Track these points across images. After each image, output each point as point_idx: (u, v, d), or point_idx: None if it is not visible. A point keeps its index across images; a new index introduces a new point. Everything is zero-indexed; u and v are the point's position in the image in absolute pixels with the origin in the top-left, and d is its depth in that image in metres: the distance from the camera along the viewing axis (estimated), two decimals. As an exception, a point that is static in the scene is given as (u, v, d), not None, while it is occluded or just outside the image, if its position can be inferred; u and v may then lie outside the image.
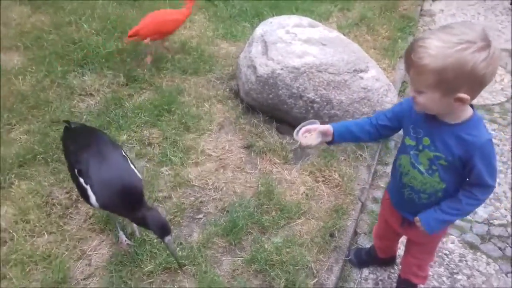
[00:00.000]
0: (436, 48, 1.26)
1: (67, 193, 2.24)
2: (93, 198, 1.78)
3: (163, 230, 1.73)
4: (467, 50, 1.24)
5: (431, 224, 1.58)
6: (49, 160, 2.35)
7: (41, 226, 2.09)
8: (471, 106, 1.44)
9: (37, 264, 1.95)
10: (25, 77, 2.83)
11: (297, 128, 1.69)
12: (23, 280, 1.89)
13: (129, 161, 1.93)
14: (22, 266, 1.93)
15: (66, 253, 2.00)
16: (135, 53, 3.10)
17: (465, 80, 1.27)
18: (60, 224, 2.11)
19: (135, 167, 1.93)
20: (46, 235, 2.06)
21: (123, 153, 1.95)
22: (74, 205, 2.20)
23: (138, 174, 1.89)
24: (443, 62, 1.25)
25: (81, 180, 1.80)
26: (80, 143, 1.91)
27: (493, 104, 3.23)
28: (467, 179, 1.50)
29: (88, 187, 1.77)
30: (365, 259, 2.17)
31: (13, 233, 2.05)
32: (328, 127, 1.68)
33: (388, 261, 2.17)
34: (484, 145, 1.41)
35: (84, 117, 2.59)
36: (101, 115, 2.61)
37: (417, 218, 1.60)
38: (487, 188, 1.48)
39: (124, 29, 3.27)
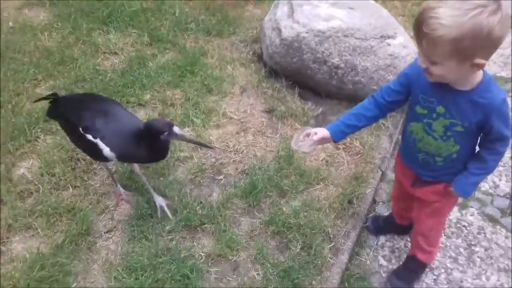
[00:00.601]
0: (450, 18, 1.20)
1: (91, 148, 2.28)
2: (106, 150, 1.78)
3: (162, 125, 1.72)
4: (481, 15, 1.19)
5: (466, 189, 1.62)
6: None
7: (65, 179, 2.14)
8: None
9: (61, 216, 2.01)
10: (51, 33, 2.85)
11: (294, 140, 1.71)
12: (47, 230, 1.96)
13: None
14: (47, 217, 2.00)
15: (90, 206, 2.06)
16: (159, 12, 3.08)
17: (482, 45, 1.24)
18: (84, 179, 2.17)
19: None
20: (70, 189, 2.12)
21: (123, 107, 1.98)
22: (97, 161, 2.25)
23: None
24: (459, 31, 1.20)
25: (89, 136, 1.78)
26: (77, 106, 1.91)
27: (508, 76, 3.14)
28: (487, 137, 1.50)
29: (98, 140, 1.77)
30: (383, 226, 2.18)
31: (39, 185, 2.11)
32: (322, 135, 1.65)
33: (405, 229, 2.17)
34: (500, 105, 1.41)
35: (109, 75, 2.61)
36: (125, 74, 2.62)
37: (451, 189, 1.62)
38: (506, 140, 1.50)
39: (149, -13, 3.25)
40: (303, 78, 2.63)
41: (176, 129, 1.74)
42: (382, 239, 2.18)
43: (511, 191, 2.41)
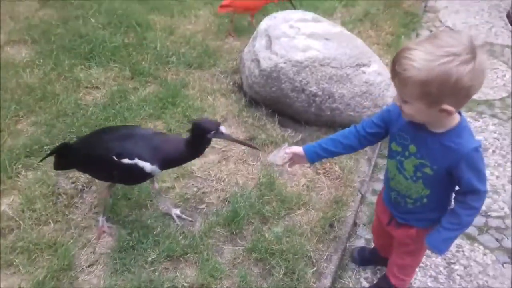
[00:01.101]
0: (421, 61, 1.24)
1: (72, 183, 2.30)
2: (147, 165, 1.82)
3: (211, 124, 1.83)
4: (451, 63, 1.22)
5: (438, 246, 1.57)
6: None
7: (47, 215, 2.14)
8: (459, 112, 1.44)
9: (43, 251, 2.00)
10: (32, 70, 2.89)
11: (272, 154, 1.79)
12: (29, 267, 1.95)
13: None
14: (28, 253, 1.98)
15: (71, 241, 2.05)
16: (140, 47, 3.15)
17: (449, 92, 1.27)
18: (66, 213, 2.17)
19: None
20: (52, 224, 2.12)
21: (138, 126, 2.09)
22: (79, 195, 2.26)
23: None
24: (427, 75, 1.24)
25: (125, 160, 1.82)
26: (97, 143, 1.94)
27: (494, 100, 3.25)
28: (458, 188, 1.49)
29: (136, 160, 1.81)
30: (368, 257, 2.19)
31: (20, 222, 2.10)
32: (296, 150, 1.71)
33: None
34: (470, 153, 1.40)
35: (90, 109, 2.64)
36: (106, 108, 2.66)
37: (426, 245, 1.59)
38: (480, 194, 1.46)
39: (130, 23, 3.33)
40: (282, 106, 2.70)
41: (222, 128, 1.84)
42: (364, 261, 2.21)
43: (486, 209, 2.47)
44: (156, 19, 3.50)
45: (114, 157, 1.83)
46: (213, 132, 1.82)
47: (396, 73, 1.31)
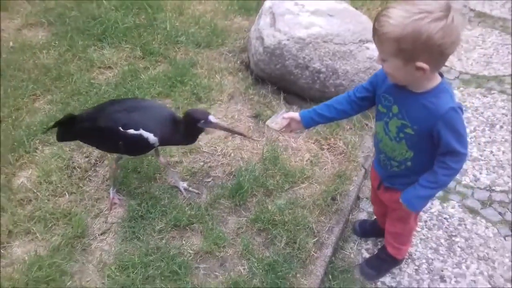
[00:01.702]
0: (396, 17, 1.31)
1: (86, 157, 2.42)
2: (151, 136, 1.93)
3: (200, 114, 1.94)
4: (423, 20, 1.28)
5: (412, 201, 1.63)
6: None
7: (62, 187, 2.27)
8: (441, 75, 1.49)
9: (58, 220, 2.13)
10: (48, 51, 3.01)
11: (270, 119, 1.85)
12: (45, 234, 2.08)
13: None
14: (45, 222, 2.12)
15: (85, 211, 2.18)
16: (151, 27, 3.23)
17: (422, 49, 1.32)
18: (80, 185, 2.29)
19: None
20: (67, 195, 2.25)
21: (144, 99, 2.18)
22: (92, 168, 2.38)
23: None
24: (401, 31, 1.30)
25: (131, 131, 1.92)
26: (103, 114, 2.03)
27: (504, 75, 3.22)
28: (438, 149, 1.52)
29: (141, 131, 1.92)
30: (369, 229, 2.26)
31: (37, 193, 2.24)
32: (294, 115, 1.78)
33: None
34: (447, 112, 1.44)
35: (103, 88, 2.75)
36: (118, 86, 2.76)
37: (400, 201, 1.65)
38: (459, 155, 1.50)
39: (141, 5, 3.41)
40: (287, 83, 2.75)
41: (211, 117, 1.95)
42: (365, 232, 2.28)
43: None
44: (167, 0, 3.56)
45: (120, 128, 1.93)
46: (202, 121, 1.94)
47: (375, 30, 1.38)
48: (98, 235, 2.11)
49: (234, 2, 3.61)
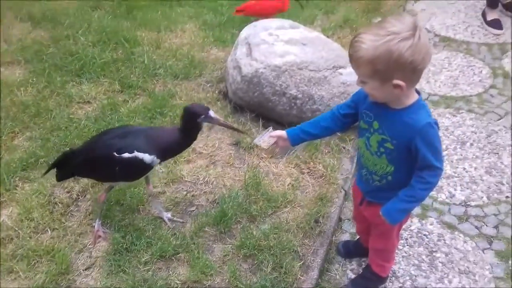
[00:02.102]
0: (368, 41, 1.41)
1: (67, 192, 2.41)
2: (146, 157, 1.94)
3: (200, 109, 1.95)
4: (392, 41, 1.38)
5: (392, 214, 1.69)
6: (50, 162, 2.51)
7: (44, 223, 2.25)
8: (418, 92, 1.58)
9: (41, 257, 2.10)
10: (26, 88, 3.01)
11: (257, 137, 1.91)
12: (29, 272, 2.05)
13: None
14: (28, 260, 2.08)
15: (68, 246, 2.16)
16: (129, 61, 3.28)
17: (395, 68, 1.41)
18: (62, 221, 2.27)
19: None
20: (49, 231, 2.22)
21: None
22: (74, 203, 2.37)
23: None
24: (373, 53, 1.40)
25: (126, 155, 1.93)
26: (97, 145, 2.06)
27: (471, 95, 3.37)
28: (416, 164, 1.59)
29: (135, 153, 1.93)
30: (352, 250, 2.30)
31: (19, 231, 2.21)
32: (281, 133, 1.85)
33: None
34: (424, 127, 1.52)
35: (82, 122, 2.76)
36: (98, 120, 2.78)
37: (380, 213, 1.71)
38: (435, 170, 1.58)
39: (118, 40, 3.46)
40: (265, 110, 2.82)
41: (211, 112, 1.97)
42: (349, 253, 2.32)
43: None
44: (143, 34, 3.63)
45: (115, 153, 1.94)
46: (203, 116, 1.96)
47: (351, 56, 1.48)
48: (83, 270, 2.09)
49: (210, 34, 3.71)
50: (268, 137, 1.86)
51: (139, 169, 2.00)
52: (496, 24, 4.05)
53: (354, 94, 1.80)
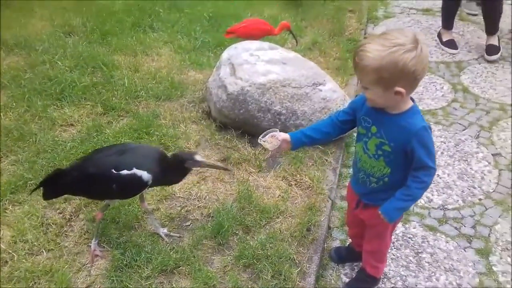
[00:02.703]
0: (374, 51, 1.54)
1: (60, 213, 2.38)
2: (145, 174, 1.98)
3: (187, 155, 2.08)
4: (397, 52, 1.52)
5: (390, 212, 1.81)
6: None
7: (39, 244, 2.22)
8: (412, 100, 1.72)
9: (39, 278, 2.07)
10: (6, 113, 2.98)
11: (261, 135, 1.99)
12: (27, 294, 2.01)
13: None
14: (26, 281, 2.05)
15: (66, 266, 2.14)
16: (109, 84, 3.30)
17: (399, 76, 1.55)
18: (57, 242, 2.25)
19: None
20: (44, 253, 2.19)
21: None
22: (68, 224, 2.35)
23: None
24: (380, 62, 1.53)
25: (124, 172, 1.96)
26: (93, 162, 2.07)
27: (436, 109, 3.62)
28: (412, 165, 1.70)
29: (134, 170, 1.96)
30: (345, 255, 2.39)
31: (13, 253, 2.16)
32: (285, 136, 1.96)
33: None
34: (420, 130, 1.65)
35: (69, 144, 2.75)
36: (84, 142, 2.78)
37: (379, 212, 1.82)
38: (429, 170, 1.69)
39: (96, 64, 3.49)
40: (250, 127, 2.91)
41: (198, 157, 2.06)
42: (341, 259, 2.41)
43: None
44: (120, 59, 3.67)
45: (113, 170, 1.96)
46: (190, 161, 2.07)
47: (356, 64, 1.61)
48: (83, 289, 2.07)
49: (186, 57, 3.80)
50: (271, 137, 1.95)
51: (137, 187, 2.04)
52: (451, 44, 4.39)
53: (351, 102, 1.93)
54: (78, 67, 3.46)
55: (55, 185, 2.10)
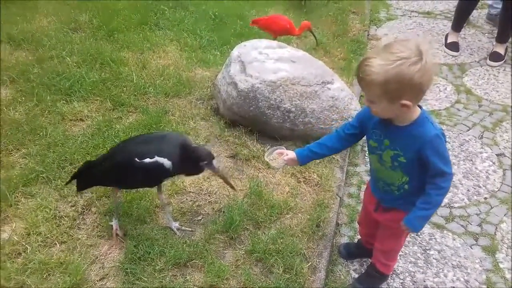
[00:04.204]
0: (379, 66, 1.52)
1: (72, 206, 2.40)
2: (167, 161, 2.00)
3: (206, 155, 2.08)
4: (403, 65, 1.50)
5: (414, 223, 1.80)
6: (51, 178, 2.50)
7: (52, 237, 2.23)
8: (420, 106, 1.71)
9: (53, 270, 2.08)
10: (15, 107, 2.98)
11: (267, 152, 2.04)
12: (41, 285, 2.02)
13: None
14: (40, 273, 2.06)
15: (80, 258, 2.15)
16: (117, 80, 3.32)
17: (405, 89, 1.54)
18: (70, 234, 2.26)
19: None
20: (58, 245, 2.20)
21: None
22: (80, 217, 2.36)
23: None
24: (385, 77, 1.52)
25: (147, 160, 1.98)
26: (119, 153, 2.10)
27: (440, 110, 3.66)
28: (428, 173, 1.71)
29: (156, 158, 1.99)
30: (354, 251, 2.42)
31: (26, 245, 2.17)
32: (292, 156, 2.00)
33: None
34: (432, 138, 1.65)
35: (79, 138, 2.76)
36: (95, 136, 2.79)
37: (403, 224, 1.82)
38: (446, 175, 1.70)
39: (103, 60, 3.50)
40: (259, 124, 2.94)
41: (215, 162, 2.08)
42: (350, 254, 2.44)
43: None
44: (128, 55, 3.68)
45: (136, 159, 1.99)
46: (205, 162, 2.08)
47: (361, 79, 1.60)
48: (97, 281, 2.08)
49: (193, 55, 3.81)
50: (278, 154, 2.02)
51: (159, 174, 2.06)
52: (453, 46, 4.44)
53: (358, 114, 1.94)
54: (86, 63, 3.47)
55: (87, 176, 2.13)
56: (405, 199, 1.85)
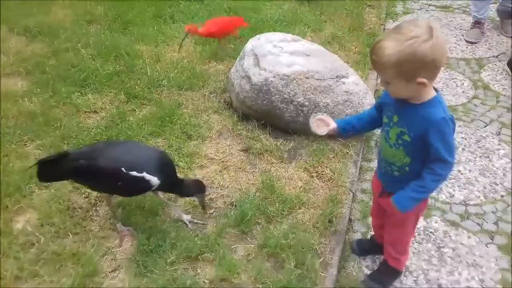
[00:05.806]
0: (391, 47, 1.53)
1: (85, 197, 2.41)
2: (153, 179, 2.02)
3: (197, 187, 2.22)
4: (414, 43, 1.51)
5: (403, 202, 1.79)
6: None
7: (65, 228, 2.24)
8: (436, 90, 1.71)
9: (66, 261, 2.10)
10: (31, 98, 3.01)
11: (313, 115, 2.07)
12: (54, 276, 2.03)
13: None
14: (53, 263, 2.08)
15: (92, 250, 2.16)
16: (132, 73, 3.32)
17: (420, 67, 1.55)
18: (83, 225, 2.27)
19: None
20: (71, 236, 2.22)
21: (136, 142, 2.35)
22: (93, 208, 2.37)
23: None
24: (398, 56, 1.53)
25: (133, 173, 1.99)
26: (104, 155, 2.07)
27: (456, 105, 3.60)
28: (429, 157, 1.70)
29: (144, 174, 2.00)
30: (367, 247, 2.40)
31: (40, 236, 2.19)
32: (334, 126, 2.01)
33: None
34: (439, 121, 1.64)
35: (93, 130, 2.77)
36: (108, 128, 2.80)
37: (391, 201, 1.82)
38: (446, 163, 1.68)
39: (118, 53, 3.51)
40: (272, 118, 2.92)
41: (203, 194, 2.29)
42: (363, 251, 2.42)
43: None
44: (142, 48, 3.69)
45: (123, 169, 1.99)
46: (198, 194, 2.26)
47: (374, 62, 1.61)
48: (109, 272, 2.09)
49: (206, 48, 3.80)
50: (320, 120, 2.07)
51: (141, 189, 2.09)
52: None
53: (381, 97, 1.94)
54: (101, 56, 3.49)
55: (57, 166, 2.08)
56: (405, 183, 1.83)
